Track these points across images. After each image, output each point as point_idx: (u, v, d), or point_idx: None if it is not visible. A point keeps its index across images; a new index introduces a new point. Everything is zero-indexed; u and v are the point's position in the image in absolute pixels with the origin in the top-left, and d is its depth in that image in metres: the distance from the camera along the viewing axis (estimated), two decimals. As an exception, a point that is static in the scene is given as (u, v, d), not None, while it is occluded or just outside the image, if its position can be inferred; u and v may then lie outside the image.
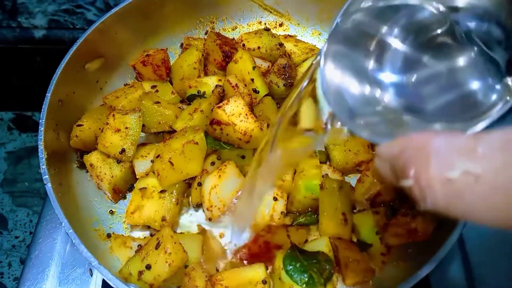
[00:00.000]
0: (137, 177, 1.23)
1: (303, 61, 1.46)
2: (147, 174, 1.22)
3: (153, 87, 1.39)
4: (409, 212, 1.11)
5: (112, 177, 1.21)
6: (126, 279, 1.01)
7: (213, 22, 1.58)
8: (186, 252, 1.04)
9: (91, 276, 1.23)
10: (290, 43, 1.51)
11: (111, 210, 1.25)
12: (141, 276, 1.01)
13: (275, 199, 1.17)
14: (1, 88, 2.21)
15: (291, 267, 1.04)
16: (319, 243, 1.11)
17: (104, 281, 1.20)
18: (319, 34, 1.60)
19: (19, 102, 2.29)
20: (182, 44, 1.54)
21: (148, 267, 1.01)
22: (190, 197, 1.24)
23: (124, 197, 1.27)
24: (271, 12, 1.59)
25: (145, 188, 1.18)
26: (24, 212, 2.02)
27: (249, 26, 1.60)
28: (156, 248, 1.02)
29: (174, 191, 1.18)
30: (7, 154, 2.18)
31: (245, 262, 1.12)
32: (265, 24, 1.61)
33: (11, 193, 2.07)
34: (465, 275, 1.24)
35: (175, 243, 1.03)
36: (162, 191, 1.18)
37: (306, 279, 1.02)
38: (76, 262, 1.25)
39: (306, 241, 1.17)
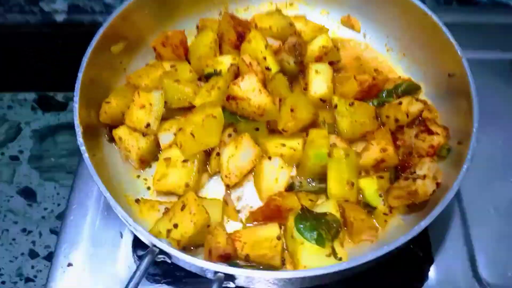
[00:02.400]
0: (161, 148, 1.35)
1: (312, 39, 1.53)
2: (170, 146, 1.34)
3: (172, 66, 1.49)
4: (410, 176, 1.21)
5: (138, 148, 1.32)
6: (156, 237, 1.13)
7: (226, 3, 1.66)
8: (208, 213, 1.16)
9: (121, 237, 1.36)
10: (300, 23, 1.59)
11: (138, 177, 1.37)
12: (170, 234, 1.13)
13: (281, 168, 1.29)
14: (25, 70, 2.33)
15: (301, 225, 1.15)
16: (327, 205, 1.23)
17: (133, 241, 1.33)
18: (328, 13, 1.68)
19: (41, 83, 2.41)
20: (197, 26, 1.63)
21: (176, 226, 1.13)
22: (209, 166, 1.35)
23: (150, 166, 1.38)
24: (282, -9, 1.67)
25: (169, 158, 1.30)
26: (52, 186, 2.16)
27: (261, 6, 1.68)
28: (182, 209, 1.15)
29: (195, 160, 1.30)
30: (32, 132, 2.30)
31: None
32: (276, 4, 1.68)
33: (38, 168, 2.21)
34: (463, 232, 1.36)
35: (198, 205, 1.15)
36: (184, 161, 1.29)
37: (316, 236, 1.13)
38: (107, 227, 1.38)
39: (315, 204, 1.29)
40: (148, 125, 1.32)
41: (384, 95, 1.45)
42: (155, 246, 1.02)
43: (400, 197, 1.21)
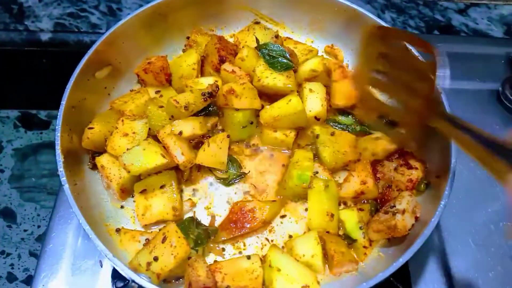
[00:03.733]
0: (141, 177, 1.33)
1: (303, 62, 1.56)
2: (149, 175, 1.32)
3: (157, 92, 1.49)
4: (390, 210, 1.23)
5: (120, 178, 1.31)
6: (136, 270, 1.13)
7: (213, 31, 1.68)
8: (189, 245, 1.16)
9: (101, 267, 1.34)
10: (290, 45, 1.61)
11: (121, 206, 1.36)
12: (150, 267, 1.12)
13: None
14: (8, 87, 2.31)
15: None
16: (308, 237, 1.24)
17: (113, 271, 1.31)
18: (312, 41, 1.71)
19: (24, 100, 2.39)
20: (183, 50, 1.64)
21: (156, 258, 1.12)
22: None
23: (132, 196, 1.37)
24: (267, 21, 1.70)
25: (145, 189, 1.29)
26: (32, 207, 2.13)
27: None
28: (163, 241, 1.14)
29: (172, 181, 1.30)
30: (14, 151, 2.28)
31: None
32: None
33: (19, 188, 2.18)
34: (442, 262, 1.38)
35: (179, 237, 1.14)
36: (162, 186, 1.29)
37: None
38: (87, 254, 1.36)
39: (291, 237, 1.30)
40: None
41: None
42: (134, 281, 1.01)
43: (380, 231, 1.22)
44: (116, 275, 1.30)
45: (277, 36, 1.57)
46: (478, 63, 1.86)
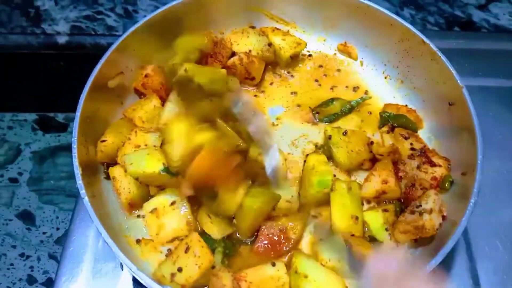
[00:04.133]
0: (151, 193, 1.31)
1: (291, 56, 1.56)
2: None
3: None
4: (416, 210, 1.20)
5: (129, 192, 1.28)
6: (160, 281, 1.10)
7: (222, 33, 1.64)
8: (213, 254, 1.14)
9: (122, 270, 1.33)
10: (278, 37, 1.58)
11: (138, 215, 1.33)
12: (174, 278, 1.10)
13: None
14: (25, 90, 2.33)
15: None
16: (333, 241, 1.21)
17: (134, 275, 1.31)
18: (324, 40, 1.68)
19: (42, 103, 2.40)
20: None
21: (180, 269, 1.10)
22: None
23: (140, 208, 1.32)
24: (277, 22, 1.67)
25: (155, 208, 1.26)
26: (51, 209, 2.14)
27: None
28: (186, 252, 1.12)
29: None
30: (32, 154, 2.29)
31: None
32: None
33: (37, 191, 2.19)
34: (468, 265, 1.35)
35: (202, 246, 1.12)
36: (172, 203, 1.25)
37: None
38: (107, 257, 1.35)
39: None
40: None
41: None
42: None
43: (407, 232, 1.19)
44: (137, 279, 1.29)
45: (270, 44, 1.55)
46: (501, 60, 1.81)
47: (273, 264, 1.16)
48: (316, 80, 1.61)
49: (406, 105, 1.51)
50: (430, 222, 1.17)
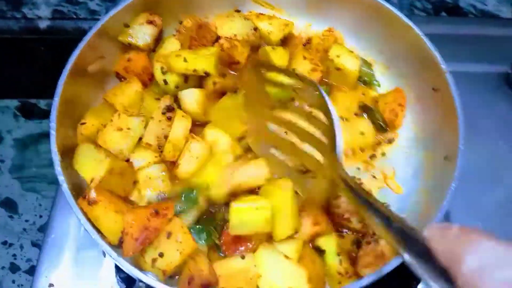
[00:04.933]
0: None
1: (281, 39, 1.52)
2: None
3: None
4: (371, 239, 1.16)
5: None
6: (141, 267, 1.09)
7: (207, 17, 1.60)
8: (194, 240, 1.12)
9: (104, 256, 1.32)
10: (265, 22, 1.54)
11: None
12: (155, 264, 1.08)
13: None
14: (7, 76, 2.28)
15: (193, 230, 1.17)
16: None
17: (117, 261, 1.30)
18: (310, 25, 1.65)
19: (23, 90, 2.35)
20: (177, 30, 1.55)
21: (161, 255, 1.08)
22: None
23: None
24: (263, 6, 1.63)
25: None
26: (34, 197, 2.11)
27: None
28: (168, 237, 1.10)
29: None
30: (14, 141, 2.25)
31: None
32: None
33: (19, 178, 2.16)
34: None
35: (184, 233, 1.11)
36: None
37: (205, 237, 1.18)
38: (89, 244, 1.34)
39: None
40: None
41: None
42: (141, 281, 0.99)
43: (370, 264, 1.12)
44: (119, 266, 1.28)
45: (255, 29, 1.51)
46: (487, 45, 1.81)
47: (242, 257, 1.12)
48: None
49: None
50: (387, 246, 1.11)
